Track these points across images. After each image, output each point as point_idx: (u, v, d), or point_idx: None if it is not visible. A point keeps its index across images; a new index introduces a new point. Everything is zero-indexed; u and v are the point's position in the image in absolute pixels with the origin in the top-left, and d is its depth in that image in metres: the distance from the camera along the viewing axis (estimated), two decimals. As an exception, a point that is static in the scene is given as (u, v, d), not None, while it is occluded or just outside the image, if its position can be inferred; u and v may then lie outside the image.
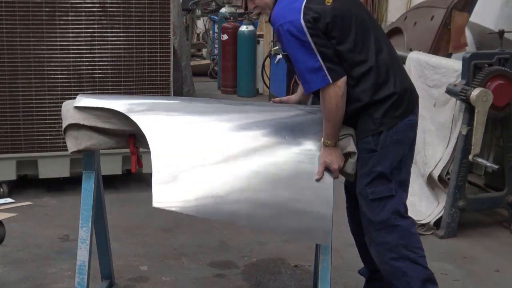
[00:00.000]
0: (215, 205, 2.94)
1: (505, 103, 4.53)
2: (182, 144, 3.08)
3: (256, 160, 3.04)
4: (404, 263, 3.16)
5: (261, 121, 3.20)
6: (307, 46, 2.95)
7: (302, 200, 2.98)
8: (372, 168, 3.10)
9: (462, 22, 5.52)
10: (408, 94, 3.16)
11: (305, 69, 2.97)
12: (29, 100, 5.06)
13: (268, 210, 2.96)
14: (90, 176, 3.27)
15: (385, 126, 3.09)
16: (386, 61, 3.11)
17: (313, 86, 3.00)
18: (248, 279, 3.97)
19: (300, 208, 2.96)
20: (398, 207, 3.16)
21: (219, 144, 3.08)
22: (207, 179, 2.97)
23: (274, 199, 2.97)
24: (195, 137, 3.11)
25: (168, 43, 5.32)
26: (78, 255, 3.24)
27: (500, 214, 5.02)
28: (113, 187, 5.47)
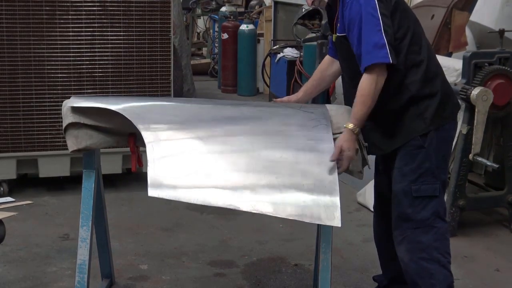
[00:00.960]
0: (215, 191, 2.89)
1: (506, 102, 4.53)
2: (176, 134, 3.06)
3: (255, 147, 3.02)
4: (433, 265, 3.18)
5: (258, 115, 3.20)
6: (376, 22, 2.95)
7: (306, 183, 2.92)
8: (420, 164, 3.12)
9: (462, 21, 5.52)
10: (453, 95, 3.25)
11: (370, 42, 2.96)
12: (29, 99, 5.06)
13: (271, 195, 2.90)
14: (90, 175, 3.27)
15: (434, 126, 3.12)
16: (435, 60, 3.21)
17: (373, 59, 2.96)
18: (248, 278, 3.98)
19: (305, 190, 2.90)
20: (439, 209, 3.19)
21: (216, 133, 3.06)
22: (205, 166, 2.94)
23: (278, 183, 2.92)
24: (190, 128, 3.09)
25: (169, 42, 5.32)
26: (78, 254, 3.24)
27: (500, 213, 5.02)
28: (113, 186, 5.47)
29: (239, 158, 2.99)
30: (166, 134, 3.03)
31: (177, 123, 3.11)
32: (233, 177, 2.93)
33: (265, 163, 2.97)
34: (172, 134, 3.05)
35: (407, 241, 3.19)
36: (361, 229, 4.72)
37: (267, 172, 2.94)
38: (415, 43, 3.13)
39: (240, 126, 3.13)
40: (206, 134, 3.06)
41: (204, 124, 3.12)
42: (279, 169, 2.95)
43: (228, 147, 3.02)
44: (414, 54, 3.11)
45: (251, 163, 2.97)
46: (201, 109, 3.27)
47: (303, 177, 2.94)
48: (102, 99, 3.37)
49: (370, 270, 4.07)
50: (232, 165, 2.96)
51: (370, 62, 2.97)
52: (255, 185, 2.91)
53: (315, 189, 2.91)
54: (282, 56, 7.99)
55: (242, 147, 3.02)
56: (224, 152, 3.00)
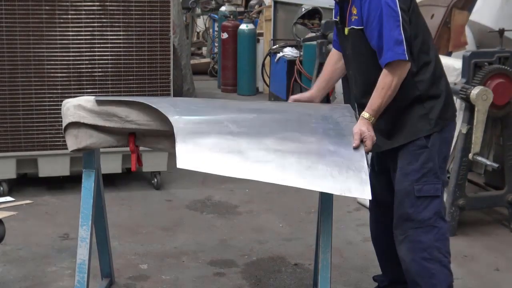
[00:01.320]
0: (243, 164, 2.88)
1: (505, 101, 4.53)
2: (202, 116, 3.12)
3: (282, 129, 3.04)
4: (434, 265, 3.18)
5: (282, 108, 3.29)
6: (396, 17, 2.97)
7: (334, 160, 2.91)
8: (424, 164, 3.13)
9: (462, 21, 5.52)
10: (452, 98, 3.29)
11: (391, 37, 2.97)
12: (29, 98, 5.06)
13: (300, 169, 2.88)
14: (90, 175, 3.27)
15: (438, 127, 3.15)
16: (440, 61, 3.24)
17: (394, 56, 2.97)
18: (248, 277, 3.98)
19: (334, 165, 2.88)
20: (441, 209, 3.20)
21: (243, 118, 3.11)
22: (232, 143, 2.94)
23: (306, 159, 2.91)
24: (216, 114, 3.15)
25: (168, 41, 5.32)
26: (78, 254, 3.24)
27: (500, 212, 5.02)
28: (113, 185, 5.47)
29: (266, 138, 2.99)
30: (191, 117, 3.07)
31: (202, 109, 3.19)
32: (261, 153, 2.92)
33: (293, 143, 2.98)
34: (198, 116, 3.10)
35: (408, 240, 3.19)
36: (361, 229, 4.72)
37: (295, 150, 2.95)
38: (425, 42, 3.15)
39: (266, 114, 3.16)
40: (232, 117, 3.10)
41: (229, 111, 3.18)
42: (307, 148, 2.97)
43: (255, 129, 3.04)
44: (424, 53, 3.13)
45: (279, 143, 2.97)
46: (223, 102, 3.36)
47: (331, 155, 2.94)
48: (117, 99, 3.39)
49: (370, 270, 4.07)
50: (259, 144, 2.96)
51: (392, 58, 2.98)
52: (283, 161, 2.90)
53: (344, 165, 2.89)
54: (281, 56, 7.99)
55: (269, 129, 3.04)
56: (251, 133, 3.02)
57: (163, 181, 5.55)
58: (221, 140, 2.95)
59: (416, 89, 3.12)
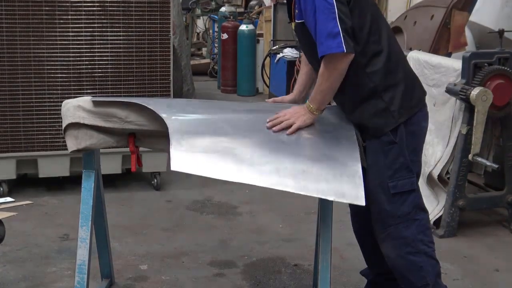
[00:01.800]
0: (237, 167, 2.87)
1: (505, 102, 4.53)
2: (197, 116, 3.11)
3: (277, 133, 3.03)
4: (421, 257, 3.16)
5: (277, 109, 3.20)
6: (331, 9, 2.89)
7: (329, 163, 2.90)
8: (394, 160, 3.08)
9: (462, 22, 5.52)
10: (418, 83, 3.19)
11: (324, 31, 2.90)
12: (29, 99, 5.06)
13: (294, 173, 2.88)
14: (90, 175, 3.27)
15: (404, 117, 3.06)
16: (397, 49, 3.14)
17: (326, 49, 2.91)
18: (248, 278, 3.98)
19: (328, 169, 2.88)
20: (418, 200, 3.19)
21: (238, 118, 3.10)
22: (227, 144, 2.94)
23: (301, 162, 2.90)
24: (211, 113, 3.15)
25: (168, 42, 5.32)
26: (78, 254, 3.24)
27: (500, 213, 5.02)
28: (113, 186, 5.47)
29: (261, 140, 2.99)
30: (187, 117, 3.07)
31: (198, 110, 3.18)
32: (256, 156, 2.92)
33: (288, 145, 2.97)
34: (193, 116, 3.10)
35: (391, 238, 3.16)
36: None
37: (290, 152, 2.94)
38: (374, 32, 3.05)
39: (262, 115, 3.13)
40: (228, 118, 3.09)
41: (225, 112, 3.17)
42: (302, 150, 2.97)
43: (250, 131, 3.03)
44: (374, 43, 3.04)
45: (273, 144, 2.97)
46: (219, 103, 3.34)
47: (326, 159, 2.93)
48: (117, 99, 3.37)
49: (370, 270, 4.08)
50: (254, 146, 2.96)
51: (325, 52, 2.92)
52: (277, 163, 2.89)
53: (338, 169, 2.89)
54: (281, 56, 8.00)
55: (264, 131, 3.03)
56: (246, 134, 3.01)
57: (163, 181, 5.55)
58: (216, 142, 2.95)
59: (370, 81, 3.04)
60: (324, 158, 2.94)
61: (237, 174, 2.88)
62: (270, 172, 2.87)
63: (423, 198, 3.21)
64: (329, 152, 2.96)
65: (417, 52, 5.14)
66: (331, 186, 2.86)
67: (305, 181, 2.86)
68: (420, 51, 5.17)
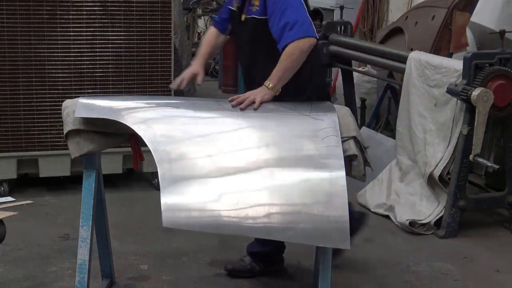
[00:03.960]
0: (227, 219, 2.89)
1: (506, 103, 4.53)
2: (187, 151, 3.05)
3: (265, 165, 3.00)
4: None
5: (265, 124, 3.17)
6: (301, 3, 3.29)
7: (316, 206, 2.91)
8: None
9: (463, 22, 5.52)
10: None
11: (297, 19, 3.23)
12: (30, 98, 5.06)
13: (283, 220, 2.91)
14: (91, 175, 3.27)
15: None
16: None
17: (301, 34, 3.22)
18: (248, 278, 3.97)
19: (315, 213, 2.90)
20: None
21: (227, 149, 3.05)
22: (216, 188, 2.94)
23: (289, 205, 2.92)
24: (200, 144, 3.08)
25: (169, 42, 5.32)
26: (79, 254, 3.24)
27: (501, 214, 5.02)
28: (114, 186, 5.47)
29: (250, 177, 2.97)
30: (175, 152, 3.03)
31: (186, 136, 3.10)
32: (245, 200, 2.91)
33: (276, 183, 2.96)
34: (182, 152, 3.04)
35: None
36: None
37: (278, 193, 2.94)
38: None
39: (249, 139, 3.10)
40: (215, 150, 3.04)
41: (212, 137, 3.10)
42: (290, 189, 2.95)
43: (238, 165, 3.00)
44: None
45: (263, 183, 2.96)
46: (206, 115, 3.24)
47: (313, 198, 2.93)
48: (106, 102, 3.33)
49: (370, 270, 4.08)
50: (243, 186, 2.95)
51: (297, 36, 3.22)
52: (267, 210, 2.91)
53: (326, 211, 2.90)
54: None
55: (253, 164, 3.01)
56: (235, 172, 2.99)
57: (163, 181, 5.54)
58: (204, 184, 2.94)
59: (309, 62, 3.35)
60: (313, 199, 2.94)
61: (228, 228, 2.93)
62: (260, 226, 2.90)
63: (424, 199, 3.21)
64: (314, 185, 2.96)
65: (418, 52, 5.14)
66: (318, 232, 2.89)
67: (295, 230, 2.89)
68: (421, 52, 5.16)
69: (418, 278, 4.04)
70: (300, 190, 2.95)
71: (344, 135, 3.11)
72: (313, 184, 2.96)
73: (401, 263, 4.24)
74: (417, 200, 4.87)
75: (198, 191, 2.93)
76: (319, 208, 2.90)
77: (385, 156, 5.46)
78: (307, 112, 3.24)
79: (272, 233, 2.93)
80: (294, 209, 2.91)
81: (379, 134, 5.94)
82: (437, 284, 3.98)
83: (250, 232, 2.99)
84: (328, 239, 2.90)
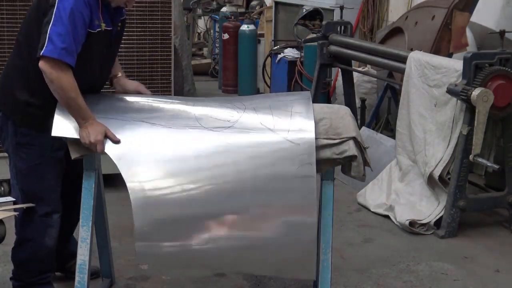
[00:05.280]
0: (201, 260, 3.07)
1: (506, 103, 4.53)
2: (163, 188, 3.05)
3: (234, 203, 3.01)
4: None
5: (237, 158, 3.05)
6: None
7: (287, 241, 3.00)
8: None
9: (463, 22, 5.52)
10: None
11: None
12: (30, 99, 5.05)
13: (254, 255, 3.05)
14: (91, 175, 3.27)
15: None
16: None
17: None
18: (248, 278, 3.97)
19: (285, 249, 3.00)
20: None
21: (202, 182, 3.03)
22: (187, 230, 3.01)
23: (260, 241, 3.03)
24: (176, 176, 3.05)
25: (169, 42, 5.32)
26: (79, 254, 3.24)
27: (501, 214, 5.02)
28: (114, 186, 5.46)
29: (224, 215, 3.03)
30: (152, 191, 3.03)
31: (163, 165, 3.06)
32: (219, 239, 3.01)
33: (249, 220, 3.03)
34: (158, 190, 3.04)
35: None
36: (361, 230, 4.72)
37: (250, 229, 3.02)
38: None
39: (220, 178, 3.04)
40: (192, 185, 3.03)
41: (189, 167, 3.05)
42: (263, 227, 3.03)
43: (213, 204, 3.02)
44: None
45: (236, 221, 3.03)
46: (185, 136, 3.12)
47: (283, 234, 3.01)
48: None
49: (370, 270, 4.08)
50: (217, 223, 3.03)
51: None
52: (239, 245, 3.02)
53: (294, 246, 3.00)
54: (282, 57, 7.99)
55: (225, 204, 3.02)
56: (210, 210, 3.03)
57: (163, 181, 5.54)
58: (177, 226, 3.02)
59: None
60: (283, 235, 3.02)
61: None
62: (233, 258, 3.07)
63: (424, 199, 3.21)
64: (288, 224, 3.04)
65: (418, 52, 5.14)
66: (285, 266, 3.09)
67: (264, 264, 3.11)
68: (421, 52, 5.17)
69: (418, 278, 4.04)
70: (272, 228, 3.02)
71: (344, 135, 3.09)
72: (283, 220, 3.03)
73: (401, 263, 4.24)
74: (417, 200, 4.87)
75: (171, 229, 3.03)
76: (289, 243, 3.00)
77: (385, 156, 5.46)
78: (285, 132, 3.07)
79: (242, 267, 3.17)
80: (265, 244, 3.01)
81: (379, 134, 5.94)
82: (437, 284, 3.98)
83: (218, 267, 3.23)
84: (296, 273, 3.14)
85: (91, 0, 3.11)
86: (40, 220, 3.40)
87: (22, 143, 3.33)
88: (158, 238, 3.03)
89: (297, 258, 3.02)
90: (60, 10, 3.03)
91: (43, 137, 3.28)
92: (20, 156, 3.35)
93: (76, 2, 3.04)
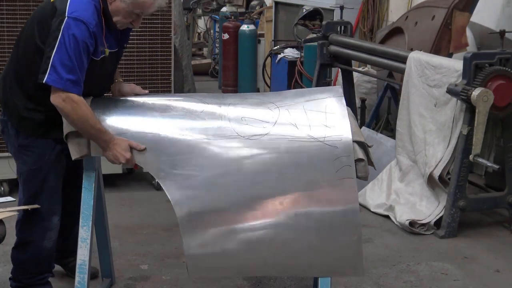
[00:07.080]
0: (249, 264, 3.08)
1: (506, 103, 4.53)
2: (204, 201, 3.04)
3: (277, 213, 3.02)
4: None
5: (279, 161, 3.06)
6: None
7: (337, 243, 3.04)
8: None
9: (463, 22, 5.52)
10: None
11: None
12: (30, 99, 5.06)
13: (299, 260, 3.05)
14: (91, 175, 3.27)
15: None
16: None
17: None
18: (248, 278, 3.97)
19: (336, 248, 3.04)
20: None
21: (243, 198, 3.03)
22: (235, 240, 3.01)
23: (304, 247, 3.02)
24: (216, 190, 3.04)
25: (169, 42, 5.32)
26: (79, 254, 3.24)
27: (501, 214, 5.02)
28: (114, 186, 5.47)
29: (267, 227, 3.02)
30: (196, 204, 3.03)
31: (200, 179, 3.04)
32: (264, 245, 3.02)
33: (291, 228, 3.01)
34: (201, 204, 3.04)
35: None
36: (361, 229, 4.71)
37: (299, 235, 3.01)
38: None
39: (264, 184, 3.03)
40: (232, 200, 3.03)
41: (227, 182, 3.03)
42: (306, 234, 3.01)
43: (255, 216, 3.02)
44: None
45: (279, 231, 3.01)
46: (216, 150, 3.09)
47: (328, 244, 3.04)
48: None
49: (370, 270, 4.08)
50: (262, 234, 3.02)
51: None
52: (283, 252, 3.02)
53: (343, 247, 3.05)
54: (282, 57, 7.99)
55: (268, 216, 3.03)
56: (253, 226, 3.02)
57: (163, 181, 5.54)
58: (223, 239, 3.03)
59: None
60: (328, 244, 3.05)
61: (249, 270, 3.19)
62: (278, 263, 3.08)
63: (424, 199, 3.21)
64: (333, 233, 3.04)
65: (418, 52, 5.14)
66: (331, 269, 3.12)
67: (310, 267, 3.13)
68: (421, 52, 5.17)
69: (418, 278, 4.04)
70: (316, 233, 3.01)
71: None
72: (328, 227, 3.02)
73: (401, 263, 4.24)
74: (417, 200, 4.87)
75: (216, 240, 3.05)
76: (334, 251, 3.05)
77: (385, 156, 5.46)
78: (322, 134, 3.08)
79: (290, 271, 3.22)
80: (310, 249, 3.02)
81: (379, 134, 5.94)
82: (437, 284, 3.98)
83: (267, 272, 3.25)
84: (343, 271, 3.18)
85: (95, 28, 3.09)
86: (39, 223, 3.40)
87: (24, 145, 3.34)
88: (207, 252, 3.09)
89: (347, 258, 3.04)
90: (64, 38, 3.01)
91: (43, 140, 3.29)
92: (22, 159, 3.37)
93: (81, 33, 3.03)
